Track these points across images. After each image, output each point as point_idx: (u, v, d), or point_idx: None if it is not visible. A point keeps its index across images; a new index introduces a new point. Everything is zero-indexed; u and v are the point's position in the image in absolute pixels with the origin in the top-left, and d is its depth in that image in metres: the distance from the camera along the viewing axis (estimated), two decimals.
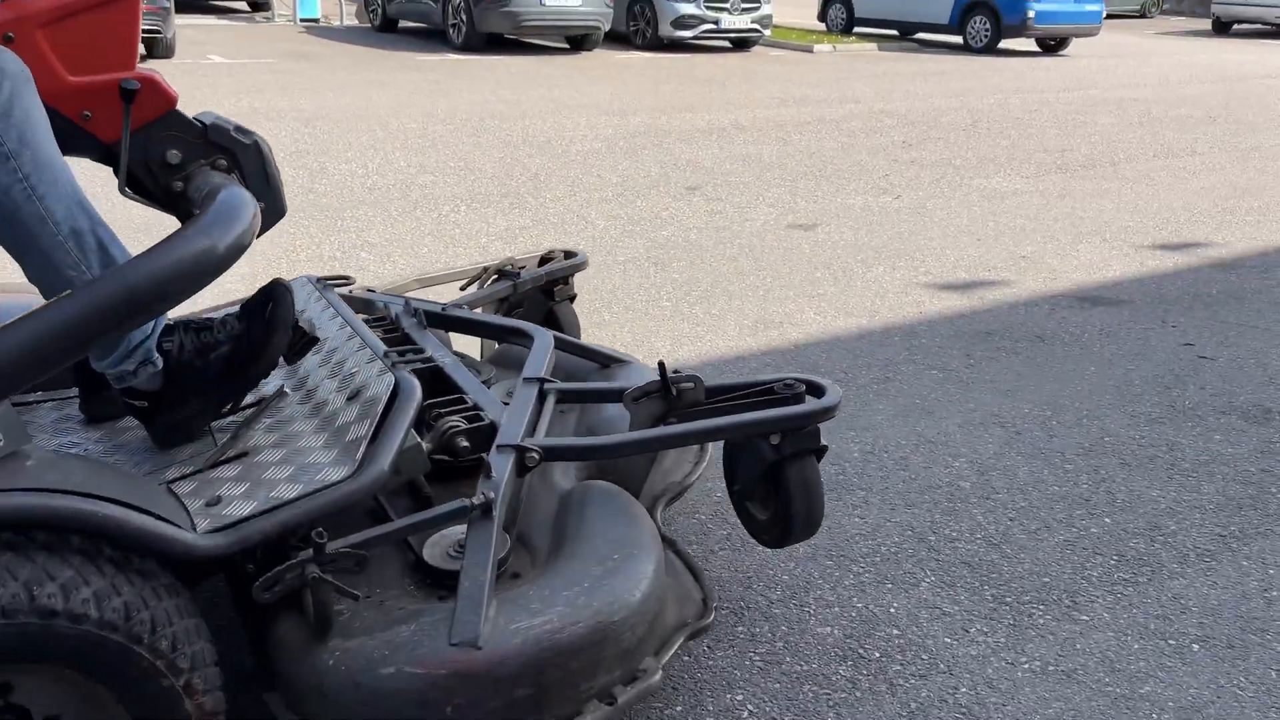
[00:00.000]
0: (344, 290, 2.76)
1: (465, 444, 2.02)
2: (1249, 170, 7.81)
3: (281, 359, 1.94)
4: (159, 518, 1.53)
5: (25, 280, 1.76)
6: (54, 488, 1.44)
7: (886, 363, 3.88)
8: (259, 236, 1.70)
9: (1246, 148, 8.75)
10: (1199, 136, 9.20)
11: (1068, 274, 5.08)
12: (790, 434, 2.07)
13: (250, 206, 1.65)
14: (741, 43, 15.25)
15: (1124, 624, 2.36)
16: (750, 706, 2.07)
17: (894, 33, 17.62)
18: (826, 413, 2.06)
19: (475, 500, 1.76)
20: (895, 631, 2.32)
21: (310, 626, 1.65)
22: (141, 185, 1.92)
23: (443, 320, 2.64)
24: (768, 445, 2.08)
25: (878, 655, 2.24)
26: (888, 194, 6.66)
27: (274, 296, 1.90)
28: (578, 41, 14.16)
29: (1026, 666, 2.22)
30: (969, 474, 3.05)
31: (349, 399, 1.94)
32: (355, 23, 16.71)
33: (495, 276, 2.97)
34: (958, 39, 16.60)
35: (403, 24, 15.59)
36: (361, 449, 1.73)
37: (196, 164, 1.89)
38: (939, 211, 6.25)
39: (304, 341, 2.02)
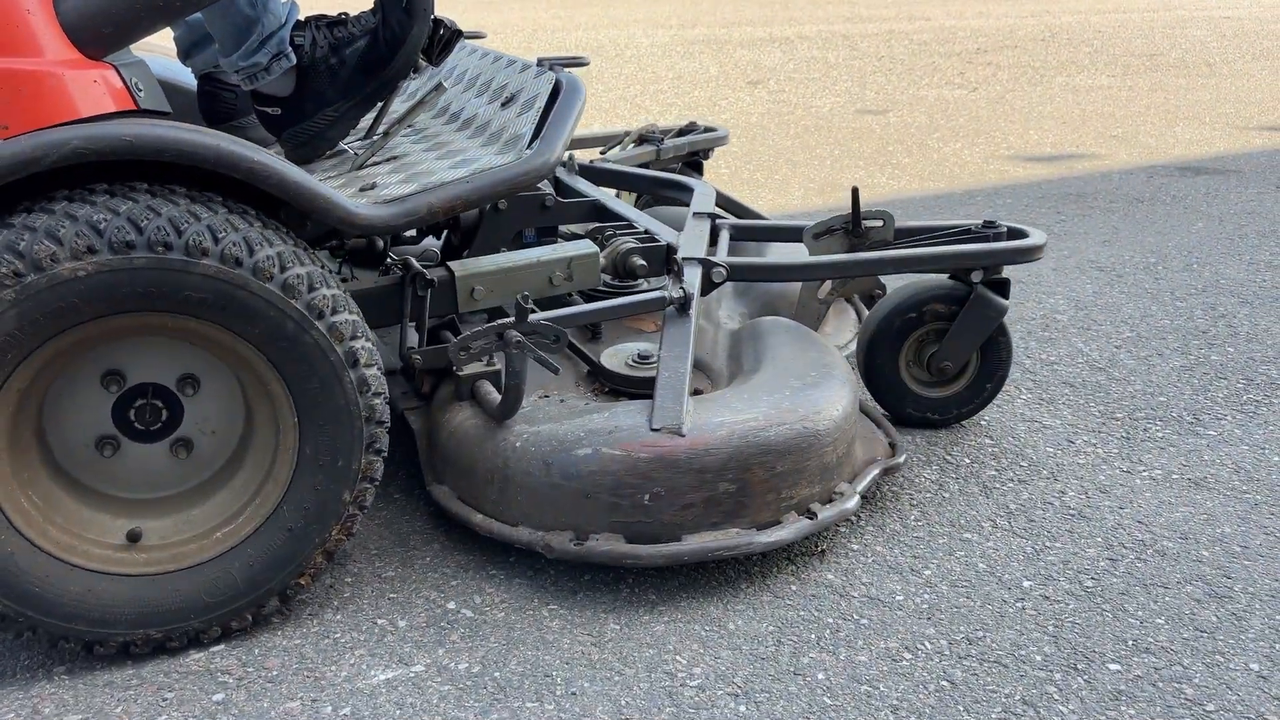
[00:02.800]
0: None
1: (641, 262, 1.90)
2: None
3: (423, 60, 1.73)
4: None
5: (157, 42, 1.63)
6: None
7: (967, 218, 3.52)
8: None
9: None
10: None
11: (1165, 150, 4.65)
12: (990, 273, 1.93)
13: None
14: None
15: (1260, 440, 2.02)
16: None
17: None
18: (1035, 250, 1.94)
19: (673, 293, 1.68)
20: (988, 440, 2.00)
21: (489, 416, 1.56)
22: None
23: (593, 173, 2.46)
24: (995, 299, 1.92)
25: (968, 461, 1.92)
26: (963, 88, 6.23)
27: None
28: None
29: (1145, 474, 1.89)
30: (1066, 309, 2.70)
31: (503, 105, 1.75)
32: None
33: (637, 140, 2.79)
34: None
35: None
36: (525, 140, 1.57)
37: None
38: (1019, 101, 5.82)
39: (447, 36, 1.75)
